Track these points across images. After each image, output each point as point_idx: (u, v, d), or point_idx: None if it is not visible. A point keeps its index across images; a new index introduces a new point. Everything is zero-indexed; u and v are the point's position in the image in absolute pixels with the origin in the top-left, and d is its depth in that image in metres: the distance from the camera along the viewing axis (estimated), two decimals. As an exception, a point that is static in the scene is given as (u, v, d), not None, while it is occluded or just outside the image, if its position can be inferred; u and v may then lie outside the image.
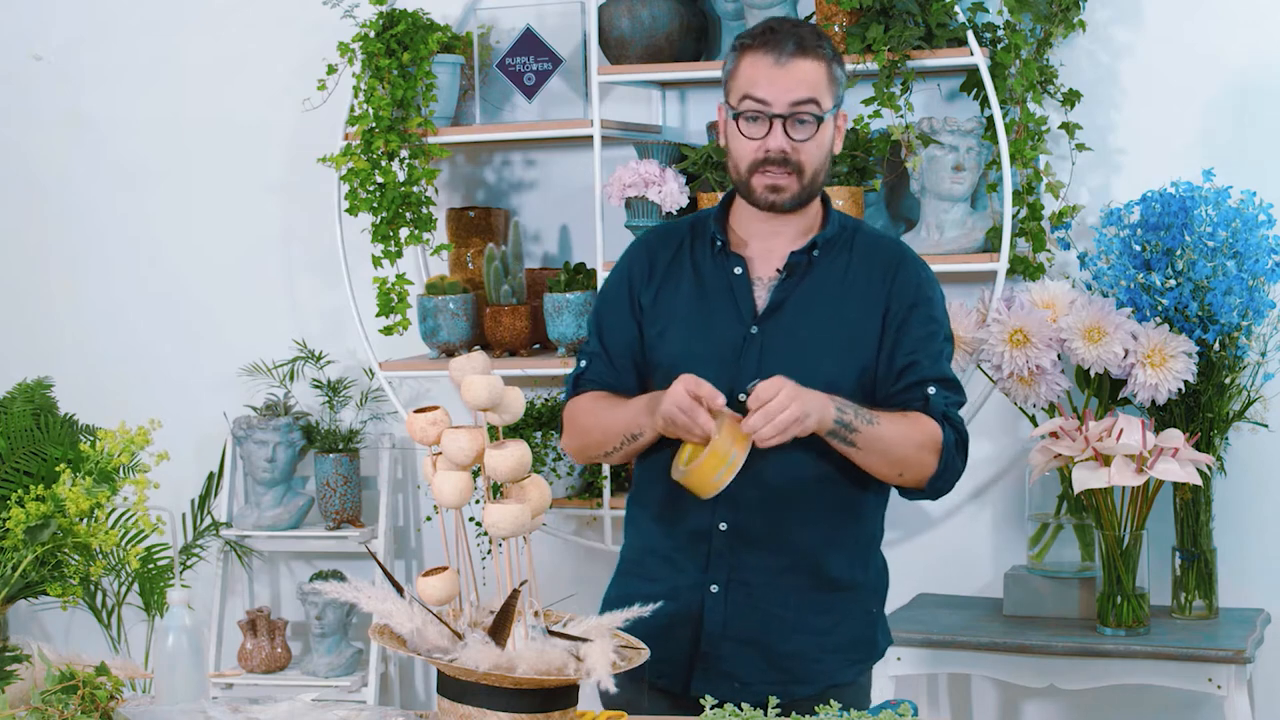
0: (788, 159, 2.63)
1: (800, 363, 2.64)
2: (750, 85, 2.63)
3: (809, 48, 2.63)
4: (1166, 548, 3.59)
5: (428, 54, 3.90)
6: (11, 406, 3.64)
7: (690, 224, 2.80)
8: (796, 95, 2.62)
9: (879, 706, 2.28)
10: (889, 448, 2.62)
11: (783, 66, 2.61)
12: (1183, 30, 3.70)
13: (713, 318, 2.71)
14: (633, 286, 2.77)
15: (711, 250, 2.74)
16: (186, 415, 4.26)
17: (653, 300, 2.75)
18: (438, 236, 4.12)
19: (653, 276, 2.76)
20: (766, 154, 2.63)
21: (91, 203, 4.53)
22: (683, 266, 2.75)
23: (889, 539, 3.95)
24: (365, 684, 4.13)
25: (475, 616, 2.26)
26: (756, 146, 2.64)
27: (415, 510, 4.33)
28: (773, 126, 2.62)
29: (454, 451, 2.22)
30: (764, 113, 2.62)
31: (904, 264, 2.73)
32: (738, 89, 2.66)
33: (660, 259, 2.77)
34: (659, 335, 2.73)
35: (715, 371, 2.63)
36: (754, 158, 2.65)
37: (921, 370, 2.67)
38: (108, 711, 2.27)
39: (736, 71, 2.67)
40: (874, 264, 2.71)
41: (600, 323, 2.80)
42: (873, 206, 3.81)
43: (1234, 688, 3.30)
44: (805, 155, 2.64)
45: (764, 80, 2.62)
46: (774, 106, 2.62)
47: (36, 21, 4.53)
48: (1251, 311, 3.45)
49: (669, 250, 2.77)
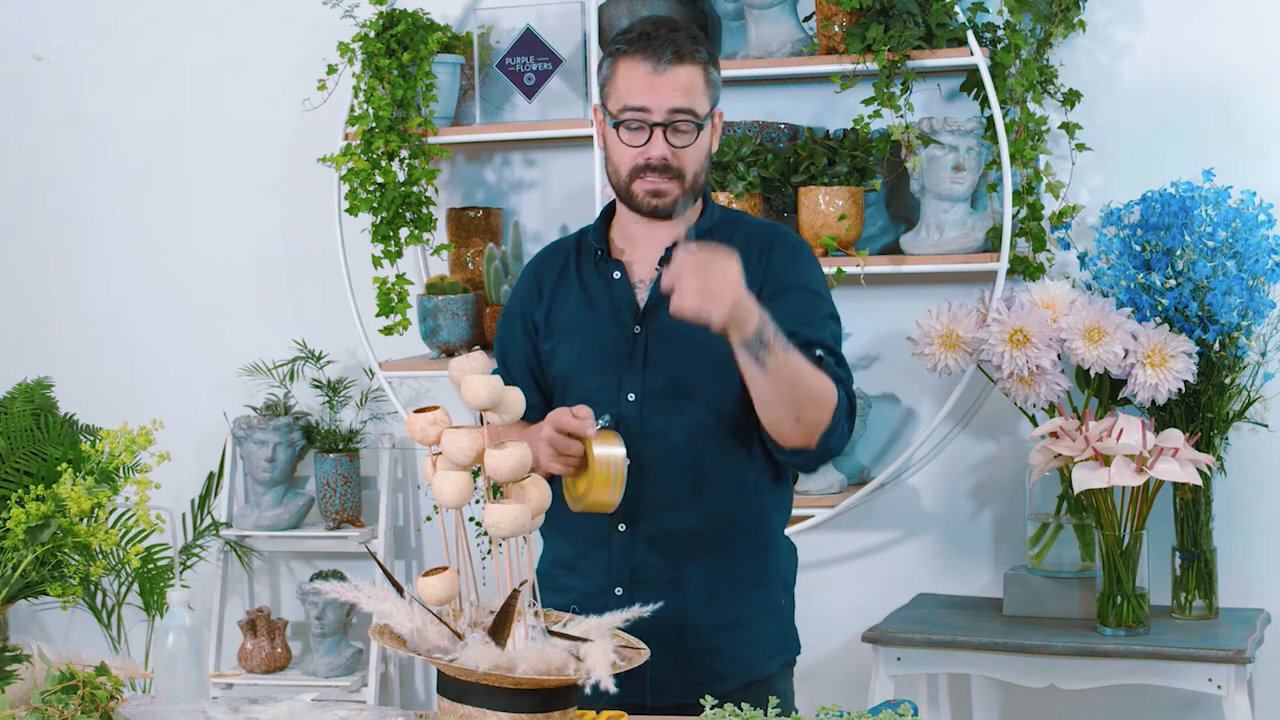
0: (669, 165, 2.65)
1: (686, 356, 2.66)
2: (629, 94, 2.64)
3: (685, 54, 2.63)
4: (1166, 548, 3.59)
5: (428, 54, 3.90)
6: (11, 406, 3.64)
7: (575, 239, 2.84)
8: (675, 103, 2.62)
9: (879, 706, 2.28)
10: (796, 381, 2.54)
11: (661, 74, 2.62)
12: (1183, 30, 3.70)
13: (599, 325, 2.73)
14: (524, 307, 2.81)
15: (594, 259, 2.77)
16: (186, 415, 4.26)
17: (545, 318, 2.78)
18: (438, 236, 4.12)
19: (541, 295, 2.79)
20: (648, 161, 2.65)
21: (91, 203, 4.53)
22: (569, 281, 2.78)
23: (889, 539, 3.97)
24: (365, 684, 4.13)
25: (475, 616, 2.26)
26: (637, 154, 2.65)
27: (415, 510, 4.33)
28: (653, 134, 2.63)
29: (454, 451, 2.22)
30: (644, 121, 2.63)
31: (776, 243, 2.73)
32: (616, 96, 2.66)
33: (547, 278, 2.80)
34: (553, 350, 2.77)
35: (604, 377, 2.67)
36: (634, 163, 2.66)
37: (803, 336, 2.62)
38: (108, 711, 2.27)
39: (614, 77, 2.67)
40: (750, 247, 2.69)
41: (501, 345, 2.85)
42: (873, 206, 3.81)
43: (1234, 688, 3.30)
44: (685, 160, 2.65)
45: (642, 89, 2.63)
46: (654, 115, 2.63)
47: (36, 21, 4.53)
48: (1251, 311, 3.45)
49: (554, 268, 2.81)
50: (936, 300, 3.67)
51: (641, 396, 2.67)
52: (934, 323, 3.59)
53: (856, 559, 3.96)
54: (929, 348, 3.59)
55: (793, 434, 2.61)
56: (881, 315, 3.88)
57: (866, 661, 3.58)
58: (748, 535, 2.74)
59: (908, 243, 3.72)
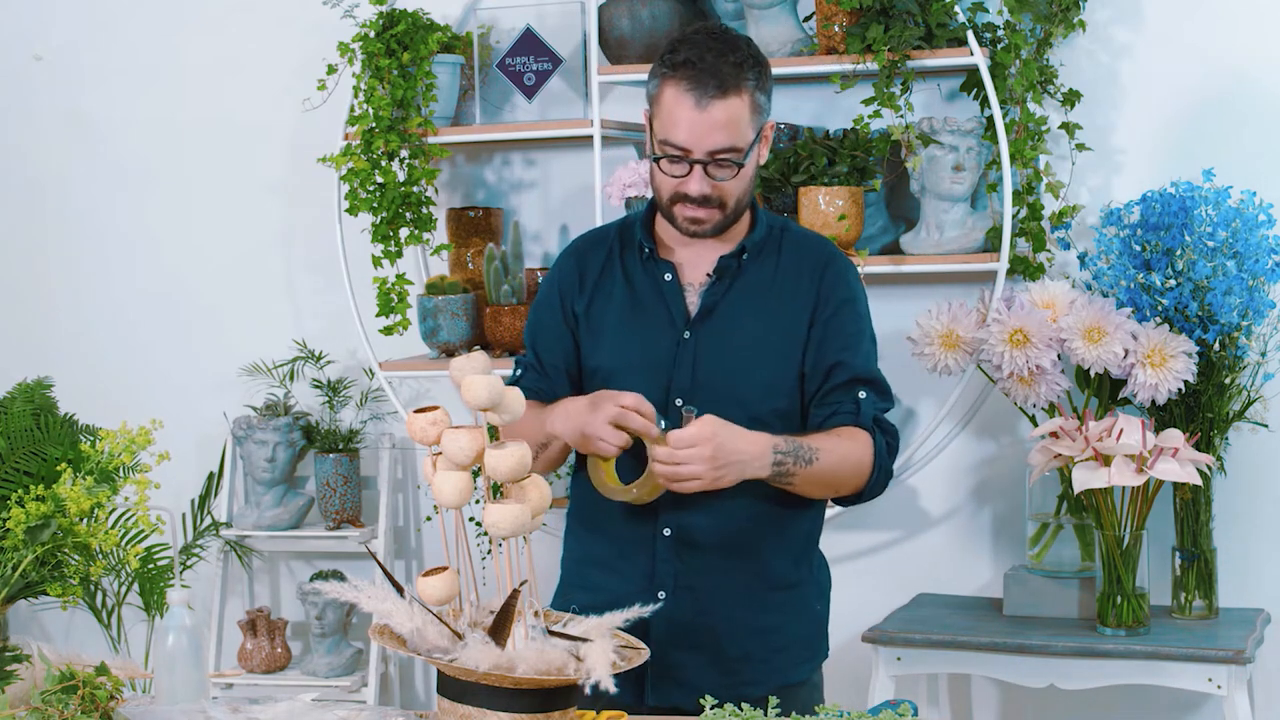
0: (709, 198, 2.64)
1: (735, 366, 2.67)
2: (671, 130, 2.61)
3: (730, 87, 2.58)
4: (1166, 548, 3.59)
5: (428, 54, 3.90)
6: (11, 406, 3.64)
7: (618, 230, 2.82)
8: (716, 143, 2.60)
9: (879, 706, 2.28)
10: (826, 479, 2.66)
11: (704, 111, 2.58)
12: (1183, 30, 3.70)
13: (645, 324, 2.73)
14: (564, 297, 2.79)
15: (640, 257, 2.76)
16: (186, 415, 4.26)
17: (585, 309, 2.77)
18: (438, 236, 4.12)
19: (584, 287, 2.78)
20: (686, 194, 2.64)
21: (91, 203, 4.53)
22: (614, 274, 2.77)
23: (889, 539, 3.97)
24: (365, 684, 4.13)
25: (475, 616, 2.26)
26: (677, 183, 2.64)
27: (415, 510, 4.33)
28: (692, 170, 2.62)
29: (454, 451, 2.22)
30: (683, 159, 2.62)
31: (832, 262, 2.75)
32: (660, 125, 2.63)
33: (590, 268, 2.78)
34: (594, 344, 2.76)
35: (649, 378, 2.67)
36: (674, 192, 2.65)
37: (850, 369, 2.69)
38: (108, 711, 2.27)
39: (659, 100, 2.64)
40: (803, 263, 2.73)
41: (535, 334, 2.82)
42: (873, 206, 3.81)
43: (1234, 688, 3.30)
44: (726, 191, 2.64)
45: (684, 125, 2.59)
46: (694, 153, 2.61)
47: (36, 21, 4.53)
48: (1251, 311, 3.45)
49: (598, 260, 2.79)
50: (936, 300, 3.67)
51: (689, 401, 2.66)
52: (934, 323, 3.59)
53: (856, 559, 3.96)
54: (929, 348, 3.59)
55: (833, 499, 2.75)
56: (881, 315, 3.83)
57: (866, 661, 3.58)
58: (789, 542, 2.77)
59: (908, 243, 3.72)
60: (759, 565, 2.72)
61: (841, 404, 2.69)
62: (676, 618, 2.69)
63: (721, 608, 2.71)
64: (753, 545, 2.72)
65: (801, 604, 2.78)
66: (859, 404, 2.68)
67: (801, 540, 2.79)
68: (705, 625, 2.70)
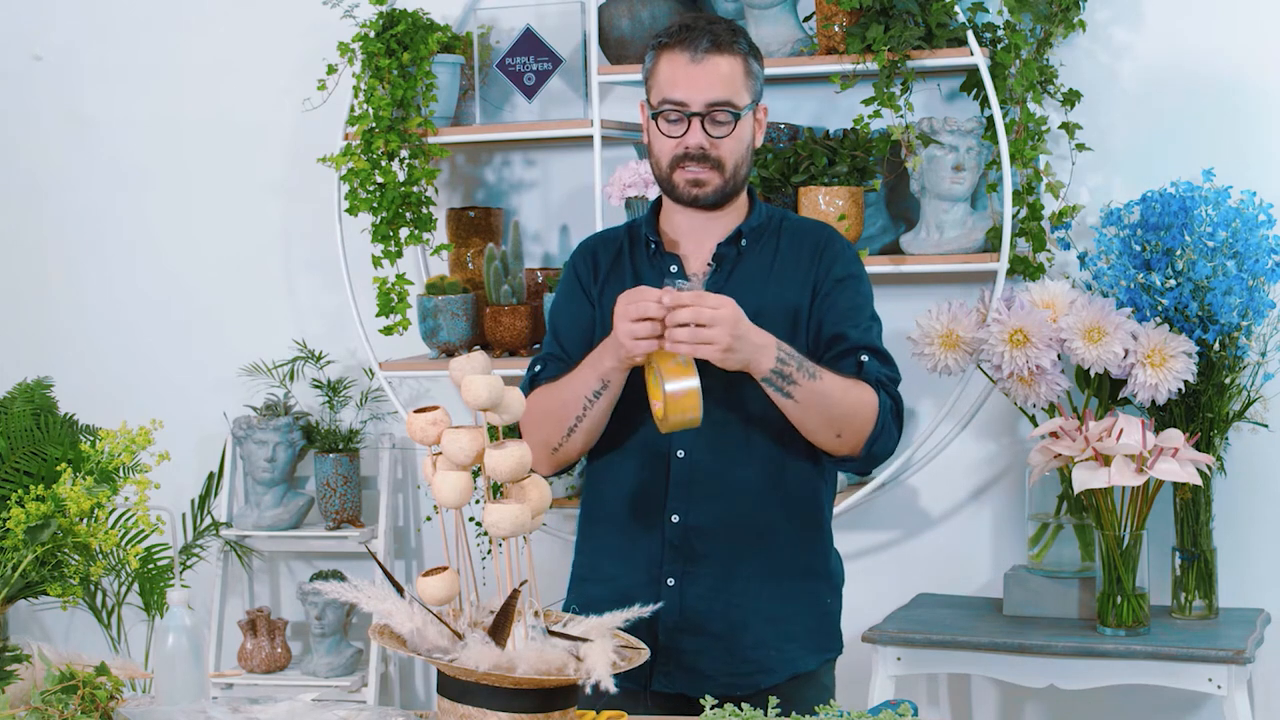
0: (706, 154, 2.69)
1: None
2: (668, 86, 2.69)
3: (724, 44, 2.68)
4: (1166, 548, 3.59)
5: (428, 54, 3.90)
6: (11, 406, 3.65)
7: (626, 229, 2.87)
8: (713, 95, 2.67)
9: (879, 706, 2.28)
10: (829, 405, 2.62)
11: (699, 64, 2.67)
12: (1183, 30, 3.70)
13: None
14: (583, 285, 2.83)
15: (647, 253, 2.80)
16: (186, 415, 4.26)
17: (599, 299, 2.80)
18: (438, 236, 4.12)
19: (598, 274, 2.82)
20: (686, 150, 2.69)
21: (91, 203, 4.53)
22: (622, 269, 2.81)
23: (889, 539, 3.97)
24: (365, 684, 4.13)
25: (475, 616, 2.26)
26: (675, 144, 2.69)
27: (415, 510, 4.33)
28: (690, 125, 2.68)
29: (454, 451, 2.22)
30: (681, 112, 2.68)
31: (832, 242, 2.78)
32: (657, 90, 2.71)
33: (603, 261, 2.83)
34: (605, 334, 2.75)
35: None
36: (674, 153, 2.70)
37: (851, 339, 2.70)
38: (108, 711, 2.27)
39: (655, 71, 2.72)
40: (802, 246, 2.77)
41: (557, 325, 2.85)
42: (872, 206, 3.81)
43: (1234, 688, 3.30)
44: (724, 150, 2.69)
45: (681, 80, 2.68)
46: (691, 106, 2.67)
47: (36, 21, 4.53)
48: (1251, 311, 3.45)
49: (609, 253, 2.84)
50: (936, 300, 3.67)
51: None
52: (934, 323, 3.59)
53: (856, 559, 3.96)
54: (929, 348, 3.59)
55: (836, 447, 2.68)
56: (881, 315, 3.85)
57: (866, 661, 3.58)
58: (800, 530, 2.77)
59: (908, 243, 3.72)
60: (767, 552, 2.72)
61: (843, 368, 2.68)
62: (685, 604, 2.70)
63: (729, 595, 2.71)
64: (760, 532, 2.72)
65: (811, 594, 2.78)
66: (862, 365, 2.69)
67: (813, 529, 2.79)
68: (713, 612, 2.70)
